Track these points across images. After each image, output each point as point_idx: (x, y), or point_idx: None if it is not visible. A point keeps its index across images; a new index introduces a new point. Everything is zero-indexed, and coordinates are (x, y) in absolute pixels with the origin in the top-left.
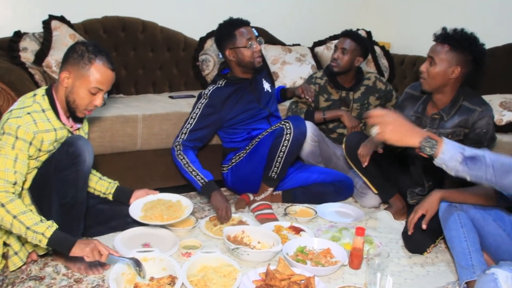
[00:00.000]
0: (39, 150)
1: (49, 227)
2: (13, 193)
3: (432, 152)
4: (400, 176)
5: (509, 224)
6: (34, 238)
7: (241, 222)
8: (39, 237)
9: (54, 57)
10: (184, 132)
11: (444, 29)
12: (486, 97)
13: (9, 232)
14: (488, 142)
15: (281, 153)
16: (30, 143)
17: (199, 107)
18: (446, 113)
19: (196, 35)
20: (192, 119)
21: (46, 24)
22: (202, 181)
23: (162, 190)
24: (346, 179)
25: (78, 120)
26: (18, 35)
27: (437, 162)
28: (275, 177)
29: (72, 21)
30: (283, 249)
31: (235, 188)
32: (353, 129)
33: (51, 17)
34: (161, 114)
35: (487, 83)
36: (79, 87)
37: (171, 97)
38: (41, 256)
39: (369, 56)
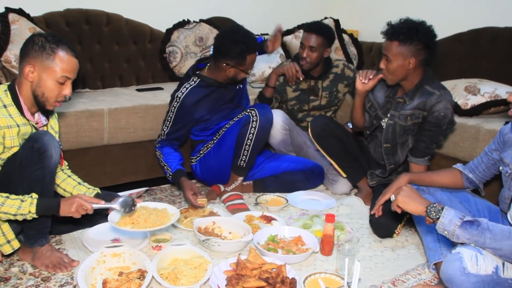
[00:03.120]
0: (3, 146)
1: (31, 204)
2: None
3: (438, 216)
4: (364, 158)
5: (474, 205)
6: (24, 218)
7: (212, 213)
8: (28, 215)
9: (13, 52)
10: (161, 134)
11: (389, 24)
12: (451, 82)
13: None
14: (447, 126)
15: (248, 141)
16: None
17: (172, 110)
18: (409, 97)
19: (162, 27)
20: (168, 122)
21: (3, 17)
22: (170, 171)
23: (132, 184)
24: (317, 167)
25: (47, 113)
26: None
27: (438, 227)
28: (244, 165)
29: (32, 14)
30: (254, 238)
31: (204, 179)
32: (292, 73)
33: (9, 10)
34: (128, 108)
35: (452, 68)
36: (46, 79)
37: (138, 90)
38: (7, 256)
39: (338, 44)
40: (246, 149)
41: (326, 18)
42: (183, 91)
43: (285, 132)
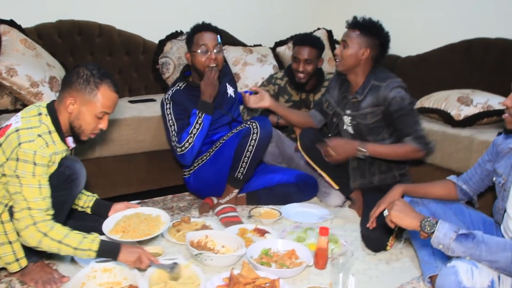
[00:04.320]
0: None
1: (93, 241)
2: (50, 219)
3: (432, 230)
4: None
5: (468, 217)
6: (83, 254)
7: (204, 227)
8: (87, 253)
9: (4, 63)
10: (174, 136)
11: (355, 17)
12: (444, 93)
13: None
14: (410, 105)
15: (248, 153)
16: (48, 166)
17: (168, 112)
18: (360, 94)
19: (155, 38)
20: (172, 124)
21: None
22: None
23: (124, 197)
24: (310, 179)
25: (80, 142)
26: None
27: (433, 241)
28: (241, 178)
29: (24, 25)
30: (247, 252)
31: (198, 192)
32: None
33: (0, 21)
34: (119, 120)
35: (445, 78)
36: (86, 113)
37: (131, 101)
38: None
39: (330, 55)
40: (245, 161)
41: (319, 29)
42: (169, 92)
43: (272, 144)
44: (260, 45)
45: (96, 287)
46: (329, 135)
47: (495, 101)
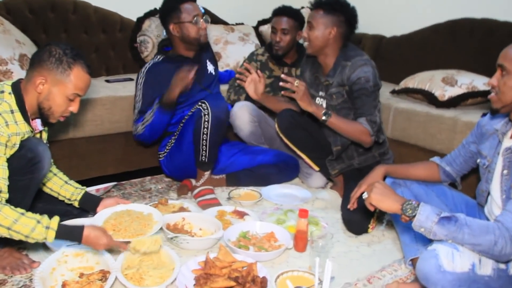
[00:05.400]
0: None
1: (48, 228)
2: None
3: (414, 214)
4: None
5: (451, 199)
6: (38, 241)
7: (182, 209)
8: (41, 240)
9: None
10: (135, 115)
11: None
12: (428, 73)
13: None
14: (373, 88)
15: (204, 135)
16: (6, 145)
17: (139, 87)
18: (331, 77)
19: (133, 15)
20: (138, 100)
21: None
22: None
23: (99, 179)
24: (291, 160)
25: (48, 125)
26: None
27: (415, 224)
28: (206, 160)
29: None
30: (225, 235)
31: (174, 175)
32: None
33: None
34: (95, 99)
35: (429, 59)
36: (57, 94)
37: (107, 81)
38: None
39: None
40: (204, 144)
41: (302, 7)
42: (146, 66)
43: (253, 124)
44: (242, 24)
45: (67, 272)
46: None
47: (480, 82)
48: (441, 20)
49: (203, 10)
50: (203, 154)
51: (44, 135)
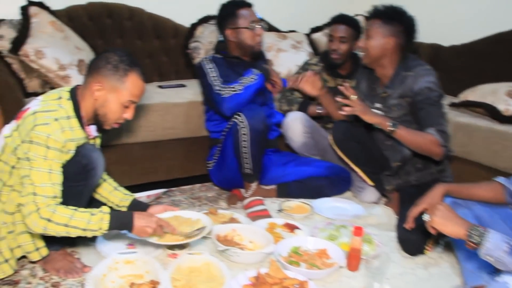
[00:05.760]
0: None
1: (102, 220)
2: (54, 204)
3: (481, 241)
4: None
5: None
6: (95, 234)
7: (232, 220)
8: (98, 232)
9: (32, 46)
10: (218, 86)
11: (374, 6)
12: (490, 86)
13: (0, 237)
14: (438, 98)
15: (244, 148)
16: (61, 151)
17: (211, 70)
18: (390, 88)
19: (186, 22)
20: (216, 79)
21: (24, 10)
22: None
23: (150, 185)
24: (344, 172)
25: (103, 131)
26: None
27: (482, 252)
28: (251, 172)
29: (54, 8)
30: (276, 249)
31: (222, 185)
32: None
33: (30, 3)
34: (148, 105)
35: (492, 70)
36: (112, 101)
37: (160, 86)
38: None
39: None
40: (246, 157)
41: (357, 15)
42: (207, 57)
43: (306, 135)
44: (294, 31)
45: (118, 279)
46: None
47: None
48: (504, 28)
49: (260, 16)
50: (247, 166)
51: (98, 141)
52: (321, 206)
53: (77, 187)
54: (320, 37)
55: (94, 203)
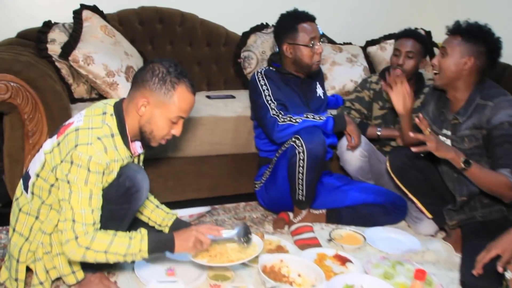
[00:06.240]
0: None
1: (142, 241)
2: (93, 231)
3: None
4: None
5: None
6: (135, 258)
7: (279, 248)
8: (138, 256)
9: (82, 51)
10: (274, 110)
11: (457, 21)
12: None
13: (36, 258)
14: None
15: (300, 174)
16: (103, 173)
17: (265, 88)
18: (461, 115)
19: (238, 30)
20: (270, 99)
21: (77, 14)
22: (325, 116)
23: (193, 202)
24: (399, 201)
25: (148, 148)
26: (48, 26)
27: None
28: (304, 199)
29: (106, 11)
30: (327, 287)
31: (269, 208)
32: None
33: (83, 7)
34: (195, 118)
35: None
36: (159, 117)
37: (208, 96)
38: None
39: (427, 59)
40: (300, 183)
41: (416, 29)
42: (260, 71)
43: (363, 159)
44: (350, 43)
45: None
46: (422, 155)
47: None
48: None
49: (321, 32)
50: (300, 193)
51: (141, 157)
52: (374, 237)
53: (120, 210)
54: (376, 51)
55: (135, 222)
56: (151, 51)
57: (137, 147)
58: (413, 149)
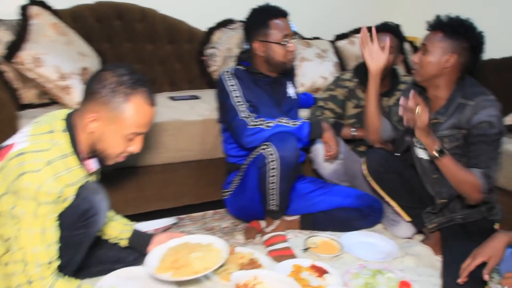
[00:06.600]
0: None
1: None
2: (51, 274)
3: None
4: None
5: None
6: None
7: (252, 262)
8: None
9: (30, 52)
10: (244, 112)
11: (437, 16)
12: None
13: None
14: (497, 136)
15: (272, 184)
16: (56, 203)
17: (234, 88)
18: (442, 115)
19: (203, 25)
20: (240, 101)
21: (24, 10)
22: (300, 121)
23: (157, 213)
24: (376, 203)
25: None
26: None
27: None
28: (277, 209)
29: (59, 7)
30: None
31: (240, 217)
32: None
33: (32, 2)
34: (158, 124)
35: None
36: (112, 134)
37: (172, 98)
38: None
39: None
40: (273, 193)
41: (385, 22)
42: (228, 70)
43: (339, 161)
44: (318, 38)
45: None
46: (397, 154)
47: None
48: None
49: (294, 28)
50: (273, 203)
51: (98, 172)
52: (351, 243)
53: (76, 236)
54: (346, 45)
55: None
56: (109, 50)
57: (93, 164)
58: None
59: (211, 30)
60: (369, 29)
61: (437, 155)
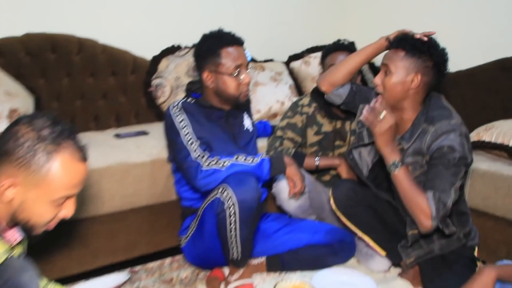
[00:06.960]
0: None
1: None
2: None
3: None
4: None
5: None
6: None
7: None
8: None
9: None
10: (197, 150)
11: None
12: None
13: None
14: (457, 161)
15: (232, 231)
16: None
17: (184, 124)
18: (406, 141)
19: (147, 54)
20: (191, 138)
21: None
22: (260, 158)
23: (108, 268)
24: (347, 237)
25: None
26: None
27: None
28: (239, 257)
29: None
30: None
31: (200, 265)
32: None
33: None
34: (101, 168)
35: (494, 103)
36: (36, 201)
37: (117, 135)
38: None
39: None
40: (233, 241)
41: (339, 40)
42: (176, 104)
43: (303, 196)
44: (271, 60)
45: None
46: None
47: None
48: (509, 54)
49: (250, 58)
50: (234, 252)
51: (24, 241)
52: (325, 283)
53: None
54: (300, 66)
55: None
56: (44, 86)
57: (16, 233)
58: (362, 118)
59: (156, 59)
60: None
61: (391, 167)
